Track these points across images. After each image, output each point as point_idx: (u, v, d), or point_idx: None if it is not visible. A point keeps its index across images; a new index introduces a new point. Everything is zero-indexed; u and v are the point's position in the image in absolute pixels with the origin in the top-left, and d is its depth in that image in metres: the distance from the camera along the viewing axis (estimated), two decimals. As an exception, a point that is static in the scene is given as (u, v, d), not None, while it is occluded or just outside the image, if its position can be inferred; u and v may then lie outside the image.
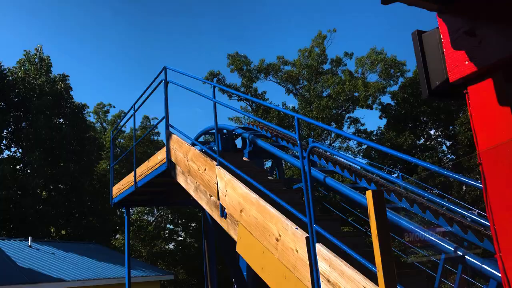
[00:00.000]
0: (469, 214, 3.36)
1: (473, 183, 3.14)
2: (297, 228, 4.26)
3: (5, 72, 25.62)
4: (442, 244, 4.17)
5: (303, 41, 69.23)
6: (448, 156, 31.49)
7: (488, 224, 1.91)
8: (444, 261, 4.32)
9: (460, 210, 3.38)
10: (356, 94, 31.12)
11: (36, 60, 27.45)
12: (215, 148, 6.50)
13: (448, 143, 32.18)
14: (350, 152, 31.91)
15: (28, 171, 24.60)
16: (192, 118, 65.22)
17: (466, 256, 3.93)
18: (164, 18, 67.21)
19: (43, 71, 27.06)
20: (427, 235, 4.44)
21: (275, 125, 14.48)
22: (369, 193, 2.25)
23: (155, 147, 36.09)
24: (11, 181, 22.44)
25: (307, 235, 4.09)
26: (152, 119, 39.08)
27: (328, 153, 8.05)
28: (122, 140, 36.78)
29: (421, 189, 3.78)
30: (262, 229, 4.80)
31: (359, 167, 7.48)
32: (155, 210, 35.63)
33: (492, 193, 1.97)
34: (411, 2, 2.19)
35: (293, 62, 34.09)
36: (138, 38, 68.77)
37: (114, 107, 42.51)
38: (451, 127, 31.05)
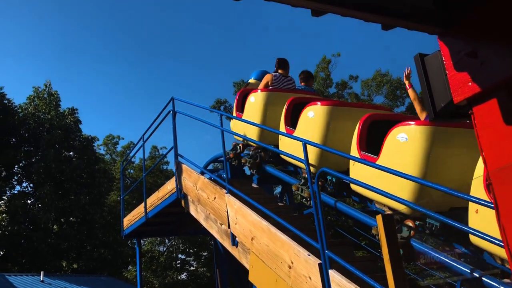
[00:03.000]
0: (483, 235, 3.32)
1: (484, 203, 3.11)
2: (309, 255, 4.22)
3: (16, 108, 26.06)
4: (458, 266, 4.10)
5: (308, 66, 69.82)
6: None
7: (502, 244, 1.89)
8: (461, 283, 4.24)
9: (473, 231, 3.33)
10: (363, 116, 31.12)
11: (45, 95, 27.93)
12: (224, 175, 6.51)
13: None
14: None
15: (39, 205, 24.69)
16: (201, 147, 65.50)
17: (483, 278, 3.86)
18: (170, 49, 68.40)
19: (52, 105, 27.48)
20: (442, 257, 4.37)
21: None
22: (379, 218, 2.24)
23: (165, 176, 36.16)
24: (22, 216, 22.51)
25: (320, 261, 4.05)
26: (161, 148, 39.29)
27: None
28: (132, 171, 36.93)
29: (432, 210, 3.75)
30: (274, 257, 4.75)
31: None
32: (167, 240, 35.44)
33: (504, 213, 1.95)
34: (411, 27, 2.23)
35: (298, 87, 34.31)
36: (144, 69, 69.90)
37: (123, 138, 42.92)
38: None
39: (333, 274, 3.92)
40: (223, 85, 65.93)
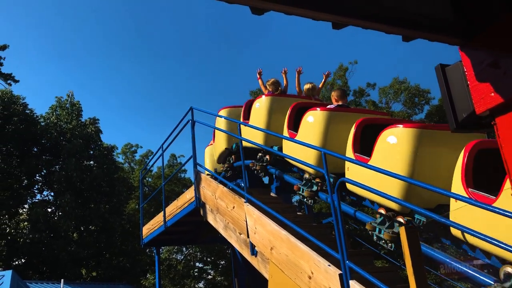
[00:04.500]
0: (506, 246, 3.27)
1: (509, 214, 3.05)
2: (329, 265, 4.20)
3: (37, 118, 26.56)
4: (480, 276, 4.03)
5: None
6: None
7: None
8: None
9: (496, 242, 3.28)
10: (381, 124, 30.86)
11: (67, 105, 28.43)
12: (242, 184, 6.53)
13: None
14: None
15: (60, 213, 25.03)
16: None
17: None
18: (188, 58, 69.06)
19: (74, 115, 27.95)
20: (464, 268, 4.31)
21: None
22: (402, 230, 2.22)
23: (182, 184, 36.36)
24: (43, 224, 22.85)
25: (340, 272, 4.03)
26: (179, 157, 39.60)
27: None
28: (150, 179, 37.23)
29: (454, 221, 3.70)
30: (293, 267, 4.74)
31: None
32: (184, 249, 35.55)
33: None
34: (432, 38, 2.23)
35: (315, 95, 34.23)
36: (163, 78, 70.64)
37: (141, 147, 43.37)
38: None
39: (354, 285, 3.89)
40: (240, 94, 66.23)
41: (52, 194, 26.76)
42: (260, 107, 7.24)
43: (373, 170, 4.35)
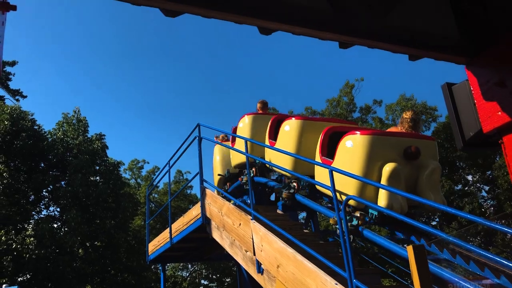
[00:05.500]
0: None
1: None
2: (336, 284, 4.17)
3: (45, 134, 26.75)
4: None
5: (331, 91, 70.04)
6: (489, 201, 30.41)
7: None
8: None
9: (506, 262, 3.24)
10: (387, 141, 30.76)
11: (74, 121, 28.63)
12: (249, 201, 6.51)
13: (486, 188, 31.18)
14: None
15: (66, 229, 25.00)
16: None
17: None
18: (195, 75, 69.63)
19: (80, 131, 28.12)
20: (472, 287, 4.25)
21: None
22: (410, 249, 2.20)
23: (188, 200, 36.30)
24: (49, 240, 22.82)
25: (347, 290, 3.99)
26: (185, 173, 39.63)
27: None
28: (156, 195, 37.22)
29: (462, 240, 3.68)
30: (300, 285, 4.70)
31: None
32: (189, 265, 35.31)
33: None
34: (438, 58, 2.24)
35: (321, 112, 34.33)
36: (170, 94, 71.13)
37: (148, 163, 43.44)
38: (489, 172, 30.12)
39: (361, 303, 3.85)
40: (248, 110, 66.48)
41: (58, 209, 26.79)
42: (215, 152, 9.58)
43: (277, 151, 6.68)
